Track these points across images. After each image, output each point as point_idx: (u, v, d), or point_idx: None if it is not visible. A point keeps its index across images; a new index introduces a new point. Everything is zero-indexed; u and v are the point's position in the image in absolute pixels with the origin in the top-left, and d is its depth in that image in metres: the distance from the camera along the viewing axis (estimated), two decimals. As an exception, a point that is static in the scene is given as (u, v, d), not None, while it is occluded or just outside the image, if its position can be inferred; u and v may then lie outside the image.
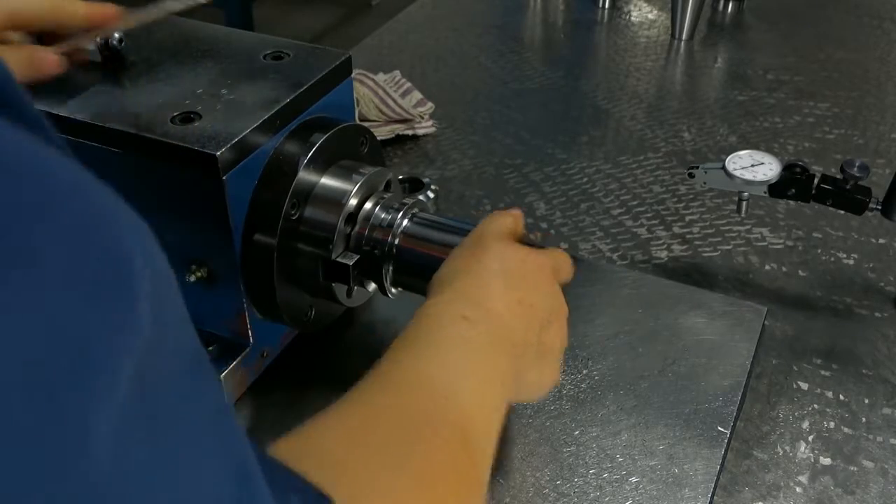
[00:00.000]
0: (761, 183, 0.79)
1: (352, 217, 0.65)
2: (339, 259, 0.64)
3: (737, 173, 0.79)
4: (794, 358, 0.80)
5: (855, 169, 0.76)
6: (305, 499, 0.35)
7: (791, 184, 0.79)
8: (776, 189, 0.79)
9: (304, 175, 0.63)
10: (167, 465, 0.28)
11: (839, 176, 0.78)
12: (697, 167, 0.82)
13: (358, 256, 0.65)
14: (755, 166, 0.79)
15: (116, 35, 0.65)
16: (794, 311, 0.85)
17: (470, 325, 0.51)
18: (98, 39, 0.65)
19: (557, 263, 0.60)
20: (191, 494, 0.29)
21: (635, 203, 1.00)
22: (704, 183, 0.82)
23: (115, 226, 0.27)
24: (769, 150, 1.09)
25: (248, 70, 0.67)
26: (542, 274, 0.58)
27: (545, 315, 0.57)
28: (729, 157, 0.81)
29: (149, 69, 0.66)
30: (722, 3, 1.47)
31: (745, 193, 0.81)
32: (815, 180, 0.79)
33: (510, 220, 0.61)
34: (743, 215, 0.84)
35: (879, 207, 0.77)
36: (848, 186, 0.77)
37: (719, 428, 0.68)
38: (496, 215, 0.61)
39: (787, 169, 0.79)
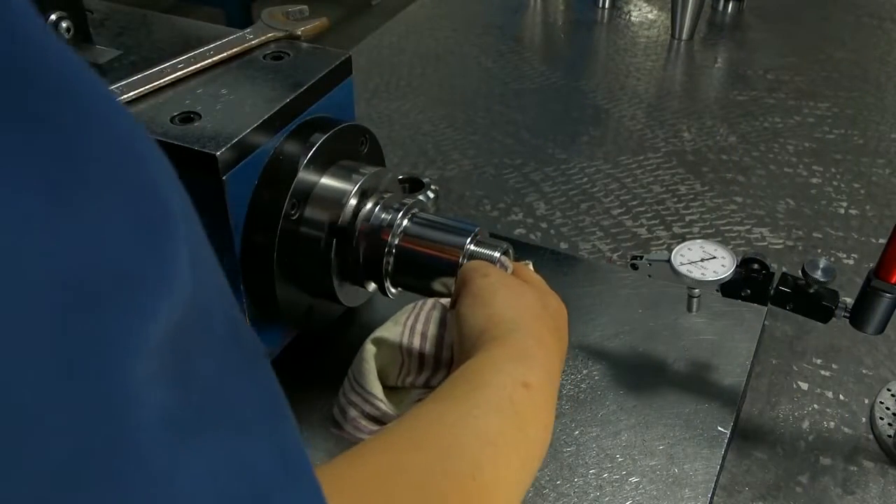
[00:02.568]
0: (711, 282, 0.68)
1: (352, 217, 0.65)
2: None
3: (683, 269, 0.68)
4: (794, 358, 0.80)
5: (819, 272, 0.64)
6: None
7: (747, 283, 0.68)
8: (729, 288, 0.68)
9: (304, 175, 0.63)
10: (211, 459, 0.25)
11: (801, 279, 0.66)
12: (641, 258, 0.71)
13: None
14: (706, 261, 0.69)
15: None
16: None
17: (526, 393, 0.49)
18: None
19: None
20: (230, 481, 0.26)
21: (635, 203, 1.00)
22: (649, 276, 0.71)
23: (151, 162, 0.24)
24: (769, 151, 1.10)
25: (248, 70, 0.67)
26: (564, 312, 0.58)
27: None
28: (676, 249, 0.70)
29: (149, 68, 0.66)
30: (722, 3, 1.47)
31: (696, 290, 0.71)
32: (775, 281, 0.67)
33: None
34: (694, 312, 0.73)
35: (847, 315, 0.66)
36: (811, 290, 0.66)
37: (719, 428, 0.68)
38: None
39: (744, 265, 0.68)
